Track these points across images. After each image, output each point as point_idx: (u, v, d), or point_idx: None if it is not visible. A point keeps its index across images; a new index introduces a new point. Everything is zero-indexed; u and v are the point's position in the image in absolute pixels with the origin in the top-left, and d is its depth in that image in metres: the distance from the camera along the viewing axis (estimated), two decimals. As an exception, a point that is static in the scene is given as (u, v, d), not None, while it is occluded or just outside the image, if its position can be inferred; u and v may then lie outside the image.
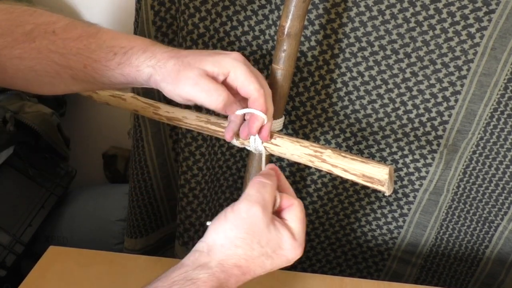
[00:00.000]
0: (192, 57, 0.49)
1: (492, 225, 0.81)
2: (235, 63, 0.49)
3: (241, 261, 0.46)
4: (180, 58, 0.49)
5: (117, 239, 1.10)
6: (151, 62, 0.49)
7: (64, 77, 0.51)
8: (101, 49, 0.50)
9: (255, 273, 0.47)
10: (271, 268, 0.47)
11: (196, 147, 0.79)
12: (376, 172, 0.49)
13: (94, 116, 1.39)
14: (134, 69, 0.50)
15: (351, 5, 0.67)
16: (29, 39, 0.49)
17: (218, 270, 0.45)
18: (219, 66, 0.48)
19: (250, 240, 0.46)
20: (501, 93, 0.70)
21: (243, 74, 0.49)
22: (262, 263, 0.47)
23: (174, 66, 0.49)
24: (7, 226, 1.02)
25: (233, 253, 0.46)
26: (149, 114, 0.66)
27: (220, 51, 0.51)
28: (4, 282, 1.01)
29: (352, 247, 0.87)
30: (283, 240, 0.47)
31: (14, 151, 1.07)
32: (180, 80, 0.48)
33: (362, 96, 0.74)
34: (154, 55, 0.49)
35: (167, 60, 0.49)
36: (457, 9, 0.65)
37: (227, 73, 0.49)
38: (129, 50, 0.50)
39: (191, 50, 0.51)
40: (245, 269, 0.46)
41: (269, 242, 0.46)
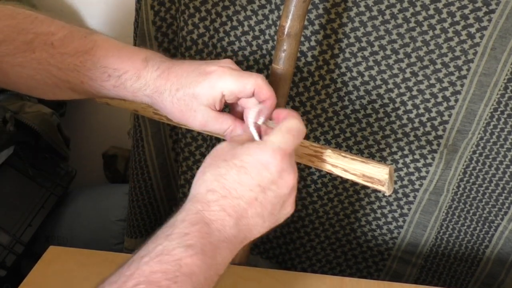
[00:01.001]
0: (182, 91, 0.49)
1: (492, 225, 0.81)
2: (221, 81, 0.48)
3: (213, 184, 0.42)
4: (172, 92, 0.49)
5: (117, 239, 1.10)
6: (147, 92, 0.50)
7: (63, 89, 0.52)
8: (96, 68, 0.50)
9: (238, 193, 0.42)
10: (253, 183, 0.42)
11: (196, 147, 0.79)
12: (376, 172, 0.49)
13: (94, 116, 1.39)
14: (131, 94, 0.51)
15: (351, 5, 0.67)
16: (30, 49, 0.49)
17: (192, 203, 0.42)
18: (211, 96, 0.48)
19: (215, 162, 0.44)
20: (501, 93, 0.70)
21: (234, 84, 0.48)
22: (236, 177, 0.42)
23: (173, 106, 0.49)
24: (7, 226, 1.02)
25: (201, 181, 0.43)
26: (149, 114, 0.66)
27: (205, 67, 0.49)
28: (4, 282, 1.01)
29: (352, 247, 0.87)
30: (250, 148, 0.44)
31: (14, 151, 1.07)
32: (188, 120, 0.50)
33: (362, 96, 0.74)
34: (147, 84, 0.50)
35: (161, 94, 0.49)
36: (457, 9, 0.65)
37: (221, 95, 0.48)
38: (122, 75, 0.50)
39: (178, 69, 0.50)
40: (221, 191, 0.42)
41: (234, 155, 0.43)
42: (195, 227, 0.40)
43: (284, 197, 0.45)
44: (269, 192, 0.43)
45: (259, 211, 0.43)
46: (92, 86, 0.51)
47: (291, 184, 0.44)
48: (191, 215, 0.41)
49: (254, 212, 0.43)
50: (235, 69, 0.49)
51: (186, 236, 0.39)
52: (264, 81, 0.49)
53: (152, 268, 0.37)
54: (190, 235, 0.39)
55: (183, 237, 0.39)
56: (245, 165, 0.43)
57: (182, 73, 0.49)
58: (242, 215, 0.42)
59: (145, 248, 0.39)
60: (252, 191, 0.43)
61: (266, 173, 0.43)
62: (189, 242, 0.39)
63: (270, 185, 0.43)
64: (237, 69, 0.50)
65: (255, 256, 0.93)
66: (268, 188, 0.43)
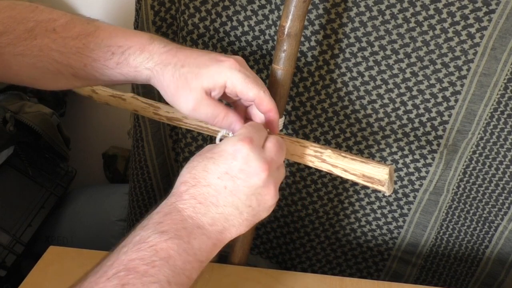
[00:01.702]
0: (188, 68, 0.49)
1: (492, 225, 0.81)
2: (230, 72, 0.48)
3: (185, 176, 0.45)
4: (177, 67, 0.49)
5: (117, 239, 1.09)
6: (149, 65, 0.50)
7: (65, 75, 0.52)
8: (99, 48, 0.50)
9: (206, 181, 0.44)
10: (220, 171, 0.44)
11: (196, 147, 0.79)
12: (376, 172, 0.49)
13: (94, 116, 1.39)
14: (133, 69, 0.50)
15: (351, 5, 0.67)
16: (31, 37, 0.49)
17: (168, 198, 0.44)
18: (214, 80, 0.48)
19: (193, 159, 0.46)
20: (501, 93, 0.70)
21: (240, 82, 0.48)
22: (205, 166, 0.44)
23: (172, 79, 0.49)
24: (7, 226, 1.02)
25: (178, 177, 0.45)
26: (149, 114, 0.66)
27: (217, 56, 0.50)
28: (4, 282, 1.01)
29: (352, 247, 0.87)
30: (223, 143, 0.46)
31: (14, 151, 1.07)
32: (180, 99, 0.49)
33: (362, 96, 0.74)
34: (152, 56, 0.50)
35: (165, 66, 0.49)
36: (457, 9, 0.65)
37: (224, 84, 0.48)
38: (126, 50, 0.50)
39: (188, 51, 0.50)
40: (191, 181, 0.44)
41: (209, 150, 0.46)
42: (168, 216, 0.42)
43: (257, 188, 0.45)
44: (238, 181, 0.44)
45: (231, 200, 0.44)
46: (95, 67, 0.51)
47: (261, 174, 0.44)
48: (165, 207, 0.43)
49: (225, 201, 0.44)
50: (246, 70, 0.49)
51: (160, 224, 0.41)
52: (266, 95, 0.49)
53: (130, 256, 0.39)
54: (163, 223, 0.41)
55: (157, 226, 0.41)
56: (214, 156, 0.45)
57: (191, 54, 0.49)
58: (212, 203, 0.44)
59: (125, 240, 0.41)
60: (220, 179, 0.44)
61: (233, 161, 0.44)
62: (162, 229, 0.41)
63: (238, 173, 0.44)
64: (247, 71, 0.49)
65: (255, 256, 0.93)
66: (237, 177, 0.44)
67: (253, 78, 0.49)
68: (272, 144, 0.47)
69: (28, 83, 0.55)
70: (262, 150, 0.46)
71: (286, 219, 0.87)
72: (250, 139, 0.45)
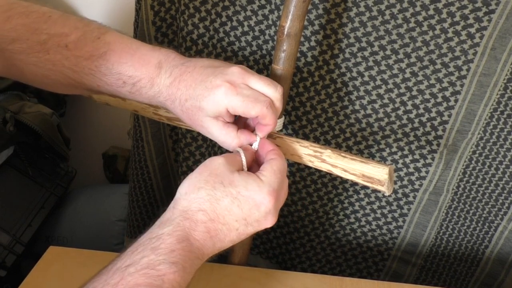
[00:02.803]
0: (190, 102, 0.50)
1: (492, 225, 0.81)
2: (227, 99, 0.48)
3: (205, 204, 0.44)
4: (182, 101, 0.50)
5: (117, 239, 1.10)
6: (161, 99, 0.51)
7: (79, 88, 0.53)
8: (111, 74, 0.51)
9: (225, 220, 0.45)
10: (241, 216, 0.45)
11: (196, 147, 0.79)
12: (376, 172, 0.49)
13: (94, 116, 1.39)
14: (147, 100, 0.52)
15: (351, 5, 0.67)
16: (44, 50, 0.49)
17: (182, 219, 0.44)
18: (216, 111, 0.49)
19: (212, 181, 0.45)
20: (500, 93, 0.70)
21: (239, 106, 0.48)
22: (228, 206, 0.45)
23: (182, 113, 0.51)
24: (7, 226, 1.02)
25: (195, 197, 0.45)
26: (149, 115, 0.66)
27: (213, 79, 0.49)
28: (4, 282, 1.01)
29: (352, 247, 0.87)
30: (248, 182, 0.46)
31: (14, 151, 1.07)
32: (196, 129, 0.52)
33: (362, 96, 0.74)
34: (161, 91, 0.51)
35: (173, 102, 0.51)
36: (457, 9, 0.65)
37: (226, 111, 0.49)
38: (137, 82, 0.51)
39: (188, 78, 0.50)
40: (211, 214, 0.44)
41: (233, 183, 0.45)
42: (181, 244, 0.42)
43: (258, 230, 0.48)
44: (250, 227, 0.46)
45: (235, 239, 0.46)
46: (109, 90, 0.52)
47: (270, 225, 0.47)
48: (179, 232, 0.43)
49: (231, 239, 0.46)
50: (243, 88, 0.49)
51: (173, 253, 0.42)
52: (269, 110, 0.49)
53: (137, 280, 0.39)
54: (175, 252, 0.42)
55: (170, 254, 0.41)
56: (239, 198, 0.45)
57: (191, 84, 0.50)
58: (220, 239, 0.45)
59: (131, 256, 0.41)
60: (237, 222, 0.45)
61: (255, 211, 0.46)
62: (174, 259, 0.41)
63: (254, 222, 0.46)
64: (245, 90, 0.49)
65: (255, 256, 0.93)
66: (251, 224, 0.46)
67: (252, 97, 0.49)
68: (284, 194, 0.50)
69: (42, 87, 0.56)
70: (279, 202, 0.48)
71: (286, 219, 0.87)
72: (277, 195, 0.47)
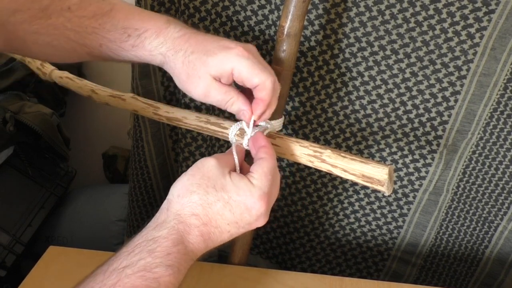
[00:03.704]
0: (196, 55, 0.49)
1: (492, 225, 0.81)
2: (237, 59, 0.48)
3: (198, 208, 0.45)
4: (187, 53, 0.49)
5: (117, 239, 1.10)
6: (162, 49, 0.50)
7: (80, 53, 0.52)
8: (116, 30, 0.50)
9: (217, 223, 0.46)
10: (232, 220, 0.46)
11: (196, 147, 0.79)
12: (375, 172, 0.49)
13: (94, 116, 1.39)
14: (148, 53, 0.51)
15: (351, 5, 0.67)
16: (46, 16, 0.49)
17: (176, 222, 0.45)
18: (221, 68, 0.49)
19: (205, 185, 0.46)
20: (500, 93, 0.70)
21: (246, 69, 0.48)
22: (221, 210, 0.45)
23: (183, 66, 0.50)
24: (7, 226, 1.02)
25: (188, 201, 0.46)
26: (149, 115, 0.66)
27: (227, 43, 0.50)
28: (4, 282, 1.01)
29: (352, 247, 0.87)
30: (239, 186, 0.46)
31: (14, 151, 1.07)
32: (190, 86, 0.50)
33: (362, 96, 0.74)
34: (166, 41, 0.50)
35: (176, 53, 0.50)
36: (457, 9, 0.65)
37: (231, 72, 0.49)
38: (142, 33, 0.50)
39: (200, 37, 0.50)
40: (204, 218, 0.45)
41: (225, 187, 0.46)
42: (176, 247, 0.43)
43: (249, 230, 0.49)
44: (241, 229, 0.47)
45: (226, 239, 0.47)
46: (110, 48, 0.51)
47: (260, 225, 0.48)
48: (174, 235, 0.44)
49: (222, 240, 0.47)
50: (254, 57, 0.49)
51: (168, 256, 0.43)
52: (271, 86, 0.49)
53: (134, 282, 0.40)
54: (171, 255, 0.43)
55: (166, 257, 0.43)
56: (231, 203, 0.46)
57: (202, 41, 0.50)
58: (213, 241, 0.46)
59: (127, 257, 0.42)
60: (229, 225, 0.46)
61: (247, 215, 0.46)
62: (170, 262, 0.42)
63: (246, 225, 0.47)
64: (256, 59, 0.49)
65: (255, 256, 0.93)
66: (243, 227, 0.47)
67: (262, 66, 0.49)
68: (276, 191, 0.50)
69: (42, 58, 0.55)
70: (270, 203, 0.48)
71: (286, 219, 0.87)
72: (268, 198, 0.47)
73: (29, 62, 0.81)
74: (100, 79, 1.33)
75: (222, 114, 0.80)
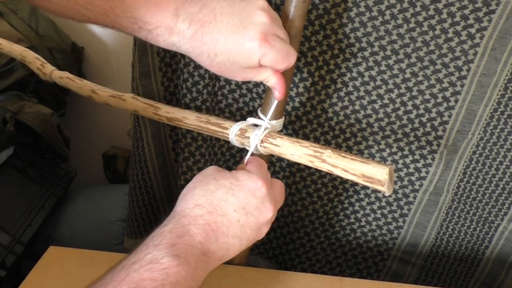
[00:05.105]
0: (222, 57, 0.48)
1: (492, 225, 0.81)
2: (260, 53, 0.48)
3: (201, 199, 0.45)
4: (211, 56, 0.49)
5: (117, 239, 1.10)
6: (182, 48, 0.50)
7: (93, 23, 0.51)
8: (126, 17, 0.48)
9: (222, 210, 0.45)
10: (238, 205, 0.46)
11: (196, 147, 0.79)
12: (376, 172, 0.49)
13: (94, 116, 1.39)
14: (164, 45, 0.50)
15: (351, 5, 0.67)
16: None
17: (180, 217, 0.45)
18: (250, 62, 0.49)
19: (205, 180, 0.47)
20: (501, 93, 0.70)
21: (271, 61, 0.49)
22: (223, 196, 0.46)
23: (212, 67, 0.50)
24: (7, 226, 1.02)
25: (191, 195, 0.46)
26: (149, 115, 0.66)
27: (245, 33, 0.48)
28: (4, 282, 1.01)
29: (352, 248, 0.87)
30: (238, 173, 0.47)
31: (14, 152, 1.07)
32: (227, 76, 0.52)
33: (362, 97, 0.74)
34: (181, 41, 0.49)
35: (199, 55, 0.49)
36: (457, 9, 0.65)
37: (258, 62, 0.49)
38: (153, 29, 0.49)
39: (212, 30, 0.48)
40: (208, 207, 0.45)
41: (224, 177, 0.47)
42: (181, 239, 0.43)
43: (262, 225, 0.48)
44: (250, 217, 0.46)
45: (239, 233, 0.46)
46: (124, 31, 0.50)
47: (270, 213, 0.47)
48: (178, 227, 0.44)
49: (234, 233, 0.46)
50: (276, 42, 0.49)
51: (173, 246, 0.42)
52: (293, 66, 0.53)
53: (142, 275, 0.39)
54: (176, 246, 0.42)
55: (171, 248, 0.42)
56: (233, 188, 0.46)
57: (218, 37, 0.48)
58: (223, 233, 0.45)
59: (135, 255, 0.42)
60: (236, 212, 0.46)
61: (252, 198, 0.46)
62: (176, 252, 0.41)
63: (253, 211, 0.46)
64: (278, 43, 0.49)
65: (255, 256, 0.93)
66: (251, 213, 0.46)
67: (285, 52, 0.49)
68: (279, 188, 0.51)
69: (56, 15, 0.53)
70: (273, 192, 0.49)
71: (286, 219, 0.87)
72: (267, 181, 0.48)
73: (29, 63, 0.81)
74: (100, 79, 1.33)
75: (222, 114, 0.80)
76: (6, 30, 1.14)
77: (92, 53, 1.33)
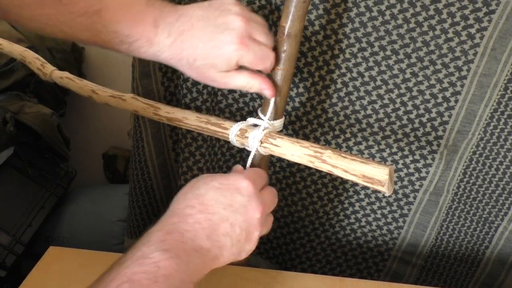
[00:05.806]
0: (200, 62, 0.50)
1: (492, 225, 0.81)
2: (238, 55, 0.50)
3: (192, 201, 0.47)
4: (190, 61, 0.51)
5: (117, 239, 1.10)
6: (163, 57, 0.51)
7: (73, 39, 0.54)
8: (107, 32, 0.50)
9: (213, 209, 0.46)
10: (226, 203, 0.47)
11: (196, 147, 0.79)
12: (376, 173, 0.49)
13: (94, 116, 1.39)
14: (145, 56, 0.52)
15: (351, 5, 0.67)
16: (39, 4, 0.48)
17: (170, 215, 0.46)
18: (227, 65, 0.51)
19: (197, 186, 0.48)
20: (501, 93, 0.70)
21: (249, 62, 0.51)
22: (214, 196, 0.47)
23: (191, 72, 0.52)
24: (7, 226, 1.02)
25: (183, 198, 0.48)
26: (149, 115, 0.66)
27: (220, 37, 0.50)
28: (4, 282, 1.01)
29: (353, 248, 0.87)
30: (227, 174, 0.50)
31: (14, 152, 1.07)
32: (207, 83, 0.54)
33: (362, 97, 0.74)
34: (162, 50, 0.51)
35: (179, 61, 0.51)
36: (457, 9, 0.65)
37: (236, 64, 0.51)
38: (134, 42, 0.50)
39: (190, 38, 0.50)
40: (198, 207, 0.46)
41: (214, 179, 0.49)
42: (170, 235, 0.43)
43: (250, 226, 0.48)
44: (237, 215, 0.47)
45: (229, 231, 0.47)
46: (107, 47, 0.52)
47: (257, 213, 0.48)
48: (167, 226, 0.45)
49: (224, 231, 0.46)
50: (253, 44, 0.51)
51: (163, 242, 0.43)
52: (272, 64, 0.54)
53: (133, 269, 0.40)
54: (166, 242, 0.43)
55: (160, 243, 0.42)
56: (221, 187, 0.48)
57: (196, 44, 0.50)
58: (214, 230, 0.46)
59: (125, 256, 0.42)
60: (225, 210, 0.47)
61: (238, 196, 0.48)
62: (165, 247, 0.42)
63: (240, 208, 0.47)
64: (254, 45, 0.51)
65: (255, 256, 0.93)
66: (238, 211, 0.47)
67: (262, 53, 0.52)
68: (269, 193, 0.52)
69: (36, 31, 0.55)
70: (261, 194, 0.50)
71: (286, 220, 0.87)
72: (254, 181, 0.49)
73: (29, 63, 0.81)
74: (100, 79, 1.33)
75: (222, 115, 0.80)
76: (6, 30, 1.14)
77: (92, 53, 1.33)
